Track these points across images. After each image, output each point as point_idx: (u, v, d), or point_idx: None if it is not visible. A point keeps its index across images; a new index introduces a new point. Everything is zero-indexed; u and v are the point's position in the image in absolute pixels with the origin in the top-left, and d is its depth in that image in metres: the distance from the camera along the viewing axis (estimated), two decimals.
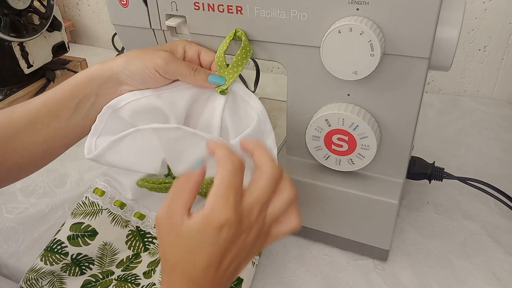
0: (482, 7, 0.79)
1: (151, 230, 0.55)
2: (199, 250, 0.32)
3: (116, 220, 0.53)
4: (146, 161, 0.47)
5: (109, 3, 0.51)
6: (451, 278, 0.50)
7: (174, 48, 0.47)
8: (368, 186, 0.48)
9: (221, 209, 0.32)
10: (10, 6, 0.74)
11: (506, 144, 0.71)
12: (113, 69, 0.45)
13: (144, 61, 0.44)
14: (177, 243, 0.33)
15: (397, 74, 0.41)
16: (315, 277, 0.50)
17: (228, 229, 0.32)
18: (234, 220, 0.32)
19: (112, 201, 0.55)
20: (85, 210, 0.53)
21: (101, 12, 1.14)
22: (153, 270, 0.49)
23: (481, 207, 0.59)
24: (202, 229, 0.32)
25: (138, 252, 0.52)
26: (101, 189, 0.55)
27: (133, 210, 0.56)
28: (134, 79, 0.45)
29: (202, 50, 0.48)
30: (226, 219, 0.32)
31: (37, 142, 0.45)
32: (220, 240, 0.32)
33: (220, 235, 0.32)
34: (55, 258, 0.49)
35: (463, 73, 0.87)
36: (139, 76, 0.44)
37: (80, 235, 0.51)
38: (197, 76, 0.45)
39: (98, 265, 0.50)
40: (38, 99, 0.46)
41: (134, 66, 0.44)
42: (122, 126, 0.45)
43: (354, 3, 0.39)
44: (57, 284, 0.48)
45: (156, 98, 0.45)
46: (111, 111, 0.45)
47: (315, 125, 0.46)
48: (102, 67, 0.46)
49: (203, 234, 0.32)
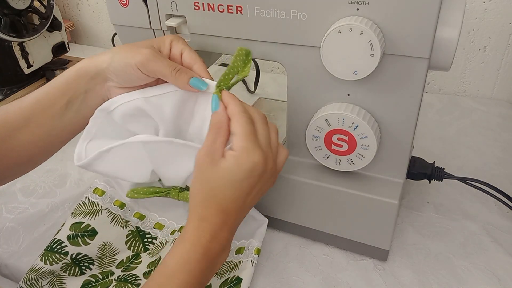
0: (482, 7, 0.79)
1: (151, 231, 0.55)
2: (231, 186, 0.39)
3: (116, 220, 0.53)
4: (135, 170, 0.46)
5: (109, 3, 0.51)
6: (451, 278, 0.50)
7: (161, 44, 0.45)
8: (368, 186, 0.48)
9: (251, 152, 0.39)
10: (10, 6, 0.74)
11: (506, 144, 0.71)
12: (99, 66, 0.44)
13: (126, 58, 0.42)
14: (214, 177, 0.39)
15: (397, 74, 0.41)
16: (315, 277, 0.50)
17: (257, 169, 0.39)
18: (262, 161, 0.40)
19: (112, 201, 0.55)
20: (85, 210, 0.53)
21: (101, 12, 1.14)
22: (153, 270, 0.49)
23: (481, 207, 0.59)
24: (236, 168, 0.39)
25: (138, 252, 0.52)
26: (101, 189, 0.55)
27: (133, 210, 0.56)
28: (119, 76, 0.43)
29: (185, 50, 0.45)
30: (257, 161, 0.39)
31: (32, 140, 0.45)
32: (250, 178, 0.39)
33: (251, 174, 0.39)
34: (55, 258, 0.49)
35: (463, 73, 0.87)
36: (123, 74, 0.43)
37: (80, 234, 0.51)
38: (178, 77, 0.43)
39: (98, 265, 0.50)
40: (31, 97, 0.45)
41: (117, 63, 0.43)
42: (115, 128, 0.45)
43: (354, 3, 0.39)
44: (57, 284, 0.48)
45: (144, 102, 0.43)
46: (104, 114, 0.44)
47: (315, 125, 0.46)
48: (89, 63, 0.44)
49: (236, 172, 0.39)
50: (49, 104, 0.45)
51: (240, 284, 0.47)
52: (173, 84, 0.43)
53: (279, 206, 0.53)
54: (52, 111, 0.45)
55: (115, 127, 0.45)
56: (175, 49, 0.45)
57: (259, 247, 0.50)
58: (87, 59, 0.45)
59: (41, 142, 0.46)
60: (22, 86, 0.85)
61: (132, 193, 0.51)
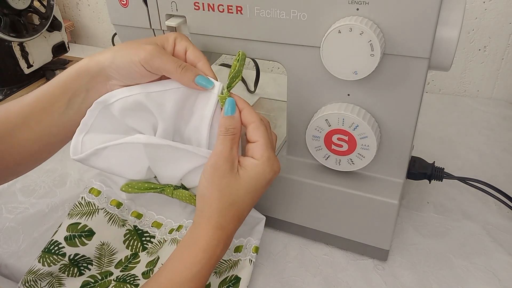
0: (482, 7, 0.79)
1: (149, 229, 0.55)
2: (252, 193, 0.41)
3: (113, 219, 0.53)
4: (131, 167, 0.46)
5: (109, 3, 0.51)
6: (451, 278, 0.50)
7: (165, 41, 0.44)
8: (368, 186, 0.48)
9: (273, 162, 0.42)
10: (10, 6, 0.74)
11: (506, 144, 0.71)
12: (100, 64, 0.43)
13: (130, 54, 0.42)
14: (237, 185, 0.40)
15: (397, 74, 0.41)
16: (315, 277, 0.50)
17: (274, 178, 0.42)
18: (279, 168, 0.42)
19: (109, 201, 0.55)
20: (82, 210, 0.53)
21: (101, 12, 1.14)
22: (151, 270, 0.49)
23: (481, 207, 0.59)
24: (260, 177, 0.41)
25: (136, 251, 0.52)
26: (97, 189, 0.55)
27: (130, 209, 0.55)
28: (121, 74, 0.43)
29: (189, 47, 0.45)
30: (277, 170, 0.42)
31: (32, 139, 0.45)
32: (267, 186, 0.41)
33: (270, 181, 0.41)
34: (52, 259, 0.49)
35: (463, 73, 0.87)
36: (126, 71, 0.42)
37: (77, 235, 0.51)
38: (184, 74, 0.42)
39: (97, 266, 0.50)
40: (31, 95, 0.45)
41: (120, 61, 0.42)
42: (113, 122, 0.44)
43: (354, 3, 0.39)
44: (56, 286, 0.47)
45: (145, 97, 0.42)
46: (102, 106, 0.43)
47: (315, 125, 0.46)
48: (90, 62, 0.44)
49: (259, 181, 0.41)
50: (50, 103, 0.45)
51: (239, 283, 0.47)
52: (178, 81, 0.43)
53: (279, 206, 0.53)
54: (52, 109, 0.45)
55: (113, 121, 0.44)
56: (179, 47, 0.45)
57: (257, 245, 0.50)
58: (88, 57, 0.45)
59: (41, 141, 0.46)
60: (22, 86, 0.85)
61: (126, 187, 0.49)
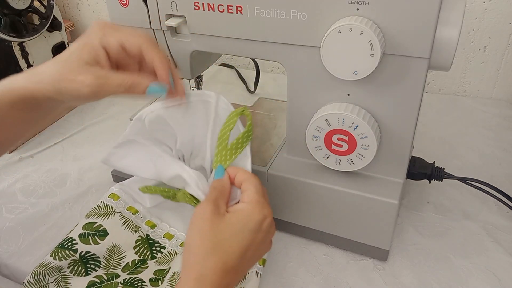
0: (482, 7, 0.79)
1: (160, 240, 0.55)
2: (240, 236, 0.38)
3: (127, 224, 0.54)
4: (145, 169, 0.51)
5: (109, 3, 0.51)
6: (451, 278, 0.50)
7: (93, 53, 0.41)
8: (368, 186, 0.48)
9: (262, 205, 0.40)
10: (10, 6, 0.74)
11: (506, 144, 0.71)
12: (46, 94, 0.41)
13: (66, 88, 0.40)
14: (222, 227, 0.39)
15: (397, 74, 0.41)
16: (315, 277, 0.50)
17: (265, 223, 0.40)
18: (270, 216, 0.41)
19: (126, 206, 0.56)
20: (99, 212, 0.54)
21: (101, 12, 1.14)
22: (160, 279, 0.49)
23: (481, 207, 0.59)
24: (247, 218, 0.39)
25: (145, 259, 0.53)
26: (117, 194, 0.56)
27: (145, 218, 0.56)
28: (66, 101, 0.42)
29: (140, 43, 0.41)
30: (267, 214, 0.40)
31: None
32: (256, 231, 0.39)
33: (259, 227, 0.39)
34: (64, 254, 0.50)
35: (463, 73, 0.87)
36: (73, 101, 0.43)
37: (91, 233, 0.52)
38: (132, 92, 0.41)
39: (104, 267, 0.51)
40: None
41: (64, 96, 0.41)
42: (145, 134, 0.50)
43: (354, 3, 0.39)
44: (62, 284, 0.48)
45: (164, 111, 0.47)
46: (140, 122, 0.49)
47: (315, 125, 0.46)
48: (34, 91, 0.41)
49: (246, 222, 0.39)
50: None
51: None
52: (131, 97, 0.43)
53: (279, 206, 0.53)
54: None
55: (144, 132, 0.50)
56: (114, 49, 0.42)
57: (265, 257, 0.50)
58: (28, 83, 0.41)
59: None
60: None
61: (143, 188, 0.52)
